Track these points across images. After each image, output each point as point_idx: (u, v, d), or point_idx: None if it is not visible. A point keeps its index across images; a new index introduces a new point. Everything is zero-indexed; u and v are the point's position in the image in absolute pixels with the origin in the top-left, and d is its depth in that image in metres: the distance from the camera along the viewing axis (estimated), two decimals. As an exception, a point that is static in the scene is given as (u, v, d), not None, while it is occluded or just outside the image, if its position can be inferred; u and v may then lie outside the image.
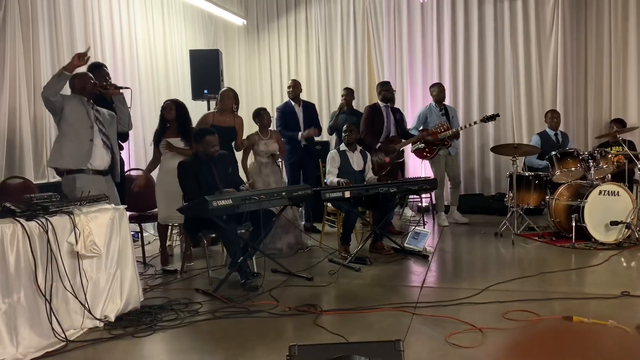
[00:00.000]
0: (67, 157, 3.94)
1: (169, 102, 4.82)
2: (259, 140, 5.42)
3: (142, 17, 6.57)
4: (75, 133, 3.95)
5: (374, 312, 3.39)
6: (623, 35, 7.10)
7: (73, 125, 3.93)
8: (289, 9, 8.52)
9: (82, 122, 3.97)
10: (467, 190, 7.61)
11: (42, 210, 3.07)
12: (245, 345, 2.96)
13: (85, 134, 3.97)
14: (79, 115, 3.97)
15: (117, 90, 4.27)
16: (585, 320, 3.05)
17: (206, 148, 4.34)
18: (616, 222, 5.06)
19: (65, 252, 3.11)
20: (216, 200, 3.74)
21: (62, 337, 2.98)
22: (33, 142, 4.98)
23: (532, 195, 5.81)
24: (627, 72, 7.11)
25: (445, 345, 2.81)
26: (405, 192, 5.18)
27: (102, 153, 4.06)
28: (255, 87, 8.80)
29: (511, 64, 7.49)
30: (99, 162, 4.04)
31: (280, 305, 3.57)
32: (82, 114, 3.99)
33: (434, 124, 6.39)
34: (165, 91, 6.76)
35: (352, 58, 8.19)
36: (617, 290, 3.61)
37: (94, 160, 3.99)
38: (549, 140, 6.44)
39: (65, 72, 3.75)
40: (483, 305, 3.46)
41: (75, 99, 4.01)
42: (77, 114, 3.96)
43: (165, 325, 3.28)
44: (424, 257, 4.86)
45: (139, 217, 5.05)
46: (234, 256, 4.13)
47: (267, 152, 5.38)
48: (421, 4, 7.75)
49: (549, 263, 4.53)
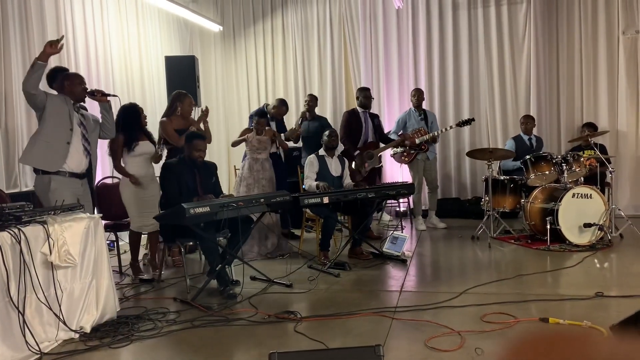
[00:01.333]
0: (37, 156, 3.87)
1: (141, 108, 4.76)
2: (255, 136, 5.55)
3: (116, 23, 6.50)
4: (52, 133, 3.87)
5: (353, 318, 3.39)
6: (593, 42, 7.26)
7: (50, 125, 3.86)
8: (265, 14, 8.52)
9: (61, 123, 3.90)
10: (444, 194, 7.68)
11: (15, 220, 3.00)
12: (224, 354, 2.93)
13: (62, 135, 3.90)
14: (60, 116, 3.90)
15: (105, 97, 4.21)
16: (561, 321, 3.10)
17: (191, 150, 4.32)
18: (589, 224, 5.16)
19: (39, 263, 3.04)
20: (193, 207, 3.71)
21: (35, 350, 2.90)
22: (4, 152, 4.88)
23: (507, 198, 5.90)
24: (598, 77, 7.28)
25: (425, 349, 2.83)
26: (384, 197, 5.21)
27: (80, 157, 4.00)
28: (232, 93, 8.77)
29: (485, 69, 7.60)
30: (75, 164, 3.97)
31: (259, 313, 3.55)
32: (64, 116, 3.91)
33: (412, 129, 6.45)
34: (140, 98, 6.68)
35: (329, 63, 8.22)
36: (591, 291, 3.68)
37: (70, 162, 3.92)
38: (523, 144, 6.55)
39: (38, 62, 3.67)
40: (461, 308, 3.49)
41: (60, 98, 3.95)
42: (58, 114, 3.88)
43: (143, 336, 3.23)
44: (402, 261, 4.89)
45: (114, 225, 4.97)
46: (212, 264, 4.10)
47: (260, 148, 5.54)
48: (396, 9, 7.82)
49: (525, 265, 4.60)
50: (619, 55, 7.14)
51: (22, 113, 5.08)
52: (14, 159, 4.96)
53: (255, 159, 5.56)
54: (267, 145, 5.62)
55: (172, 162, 4.42)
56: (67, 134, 3.92)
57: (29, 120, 5.11)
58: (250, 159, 5.58)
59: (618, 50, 7.15)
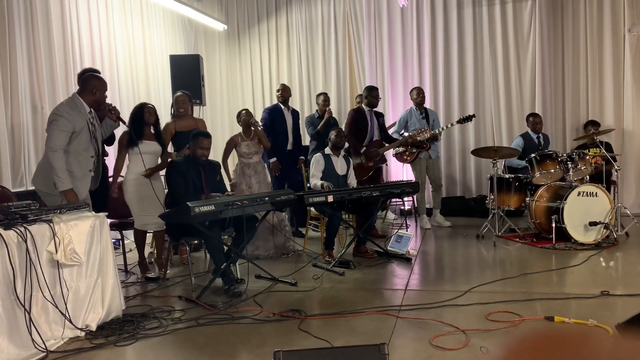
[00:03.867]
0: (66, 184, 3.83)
1: (151, 106, 4.76)
2: (242, 141, 5.41)
3: (121, 22, 6.51)
4: (78, 164, 3.88)
5: (358, 316, 3.39)
6: (599, 39, 7.23)
7: (77, 156, 3.87)
8: (270, 13, 8.53)
9: (85, 151, 3.93)
10: (448, 192, 7.67)
11: (21, 219, 3.02)
12: (229, 352, 2.94)
13: (86, 164, 3.95)
14: (84, 143, 3.91)
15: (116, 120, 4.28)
16: (566, 320, 3.09)
17: (195, 148, 4.35)
18: (595, 223, 5.14)
19: (45, 261, 3.06)
20: (198, 206, 3.72)
21: (42, 348, 2.92)
22: (10, 150, 4.90)
23: (512, 197, 5.88)
24: (603, 75, 7.24)
25: (430, 348, 2.82)
26: (388, 195, 5.20)
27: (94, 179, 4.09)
28: (237, 92, 8.78)
29: (490, 67, 7.58)
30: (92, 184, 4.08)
31: (264, 311, 3.55)
32: (87, 141, 3.93)
33: (414, 128, 6.44)
34: (145, 97, 6.69)
35: (333, 62, 8.22)
36: (597, 289, 3.67)
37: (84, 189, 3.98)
38: (531, 142, 6.53)
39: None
40: (466, 307, 3.49)
41: (83, 121, 3.88)
42: (83, 142, 3.89)
43: (148, 334, 3.24)
44: (407, 260, 4.89)
45: (120, 224, 4.99)
46: (217, 262, 4.11)
47: (250, 153, 5.38)
48: (401, 8, 7.80)
49: (530, 264, 4.59)
50: (624, 53, 7.11)
51: (27, 111, 5.10)
52: (19, 158, 4.98)
53: (247, 164, 5.40)
54: (258, 149, 5.45)
55: (178, 160, 4.45)
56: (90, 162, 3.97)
57: (34, 118, 5.13)
58: (242, 165, 5.41)
59: (624, 48, 7.11)
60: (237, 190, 5.30)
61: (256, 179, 5.38)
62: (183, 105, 5.20)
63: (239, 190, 5.30)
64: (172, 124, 5.19)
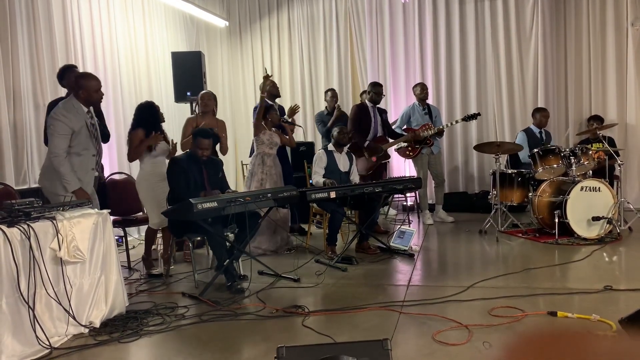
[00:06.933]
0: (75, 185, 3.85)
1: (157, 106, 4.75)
2: (265, 131, 5.41)
3: (122, 19, 6.51)
4: (80, 163, 3.88)
5: (361, 312, 3.39)
6: (601, 34, 7.20)
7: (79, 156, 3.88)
8: (271, 10, 8.51)
9: (86, 150, 3.92)
10: (451, 188, 7.67)
11: (24, 216, 3.03)
12: (232, 348, 2.94)
13: (88, 163, 3.95)
14: (85, 143, 3.90)
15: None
16: (569, 315, 3.09)
17: (195, 148, 4.33)
18: (598, 218, 5.13)
19: (48, 258, 3.07)
20: (201, 202, 3.72)
21: (46, 345, 2.93)
22: (13, 148, 4.91)
23: (515, 192, 5.87)
24: (606, 70, 7.22)
25: (433, 343, 2.83)
26: (391, 191, 5.20)
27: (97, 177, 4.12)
28: (239, 89, 8.77)
29: (493, 63, 7.56)
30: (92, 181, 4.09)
31: (267, 307, 3.56)
32: (87, 141, 3.92)
33: (417, 124, 6.43)
34: (147, 94, 6.70)
35: (335, 58, 8.21)
36: (600, 284, 3.66)
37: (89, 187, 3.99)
38: (534, 137, 6.51)
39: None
40: (469, 302, 3.49)
41: (81, 121, 3.85)
42: (83, 141, 3.88)
43: (152, 330, 3.25)
44: (409, 255, 4.89)
45: (123, 221, 4.99)
46: (220, 259, 4.11)
47: (272, 144, 5.40)
48: (403, 4, 7.78)
49: (533, 259, 4.58)
50: (627, 47, 7.08)
51: (30, 109, 5.11)
52: (22, 156, 4.99)
53: (268, 154, 5.41)
54: (278, 141, 5.52)
55: (179, 157, 4.43)
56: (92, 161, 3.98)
57: (37, 116, 5.14)
58: (263, 154, 5.41)
59: (627, 43, 7.09)
60: (255, 180, 5.30)
61: (275, 169, 5.40)
62: (208, 102, 5.25)
63: (258, 180, 5.29)
64: (195, 119, 5.26)
